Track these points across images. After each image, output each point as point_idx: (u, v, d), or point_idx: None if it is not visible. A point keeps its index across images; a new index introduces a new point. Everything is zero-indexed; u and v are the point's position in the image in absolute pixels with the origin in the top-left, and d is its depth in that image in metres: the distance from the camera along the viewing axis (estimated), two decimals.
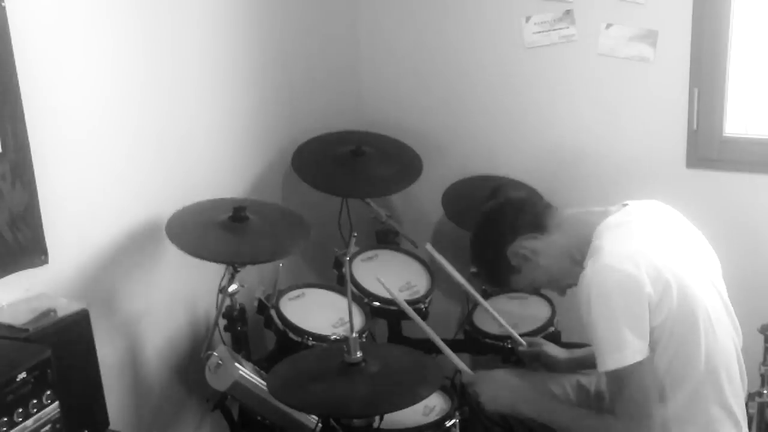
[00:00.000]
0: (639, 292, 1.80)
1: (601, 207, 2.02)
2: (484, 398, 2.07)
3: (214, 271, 2.29)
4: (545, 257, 2.01)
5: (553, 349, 2.32)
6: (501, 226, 2.04)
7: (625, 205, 2.00)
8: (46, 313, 1.86)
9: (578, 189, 2.88)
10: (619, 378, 1.82)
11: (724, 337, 1.92)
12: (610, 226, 1.93)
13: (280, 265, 2.43)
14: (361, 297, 2.55)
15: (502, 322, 2.43)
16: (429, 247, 2.47)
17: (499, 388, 2.08)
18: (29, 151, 1.90)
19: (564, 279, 2.05)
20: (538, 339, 2.39)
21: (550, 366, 2.30)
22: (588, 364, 2.25)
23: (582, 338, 2.79)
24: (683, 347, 1.85)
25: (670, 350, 1.85)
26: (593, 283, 1.82)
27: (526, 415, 2.03)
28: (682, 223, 2.05)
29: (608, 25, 2.74)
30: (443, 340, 2.20)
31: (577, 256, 1.96)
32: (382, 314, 2.63)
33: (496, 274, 2.11)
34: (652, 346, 1.83)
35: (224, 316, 2.37)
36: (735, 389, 1.93)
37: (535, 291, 2.65)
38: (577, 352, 2.31)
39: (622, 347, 1.79)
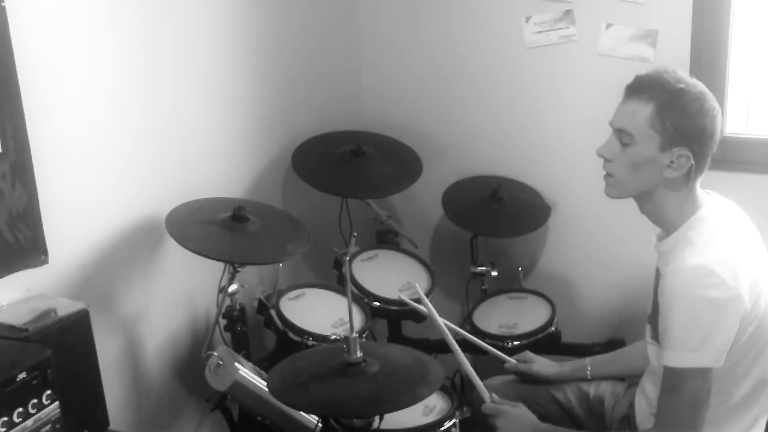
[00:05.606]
0: (736, 304, 1.75)
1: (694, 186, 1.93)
2: None
3: (214, 270, 2.29)
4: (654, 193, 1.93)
5: (542, 366, 2.28)
6: (700, 138, 1.89)
7: (707, 192, 1.96)
8: (46, 313, 1.86)
9: (578, 189, 2.89)
10: (681, 377, 1.78)
11: None
12: (703, 220, 1.88)
13: (280, 265, 2.43)
14: (361, 297, 2.55)
15: (487, 347, 2.39)
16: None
17: (521, 427, 2.04)
18: (29, 151, 1.90)
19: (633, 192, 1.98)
20: (527, 355, 2.33)
21: (540, 382, 2.26)
22: (577, 377, 2.25)
23: (581, 339, 2.82)
24: (752, 351, 1.83)
25: (738, 353, 1.81)
26: (687, 280, 1.76)
27: None
28: (750, 224, 2.00)
29: (608, 25, 2.74)
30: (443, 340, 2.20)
31: (661, 222, 1.94)
32: (382, 314, 2.63)
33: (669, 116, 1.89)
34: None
35: (224, 316, 2.37)
36: None
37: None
38: (566, 366, 2.28)
39: (697, 349, 1.75)
